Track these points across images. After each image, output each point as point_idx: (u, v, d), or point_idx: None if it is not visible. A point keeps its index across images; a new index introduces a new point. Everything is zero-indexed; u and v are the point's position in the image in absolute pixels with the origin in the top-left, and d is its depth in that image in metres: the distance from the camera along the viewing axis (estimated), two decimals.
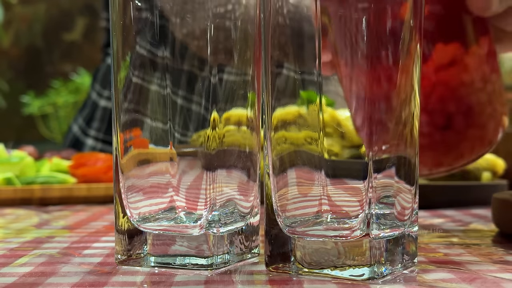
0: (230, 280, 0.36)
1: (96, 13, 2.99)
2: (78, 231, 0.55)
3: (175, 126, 0.38)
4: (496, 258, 0.42)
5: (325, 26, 0.35)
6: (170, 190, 0.39)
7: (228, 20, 0.39)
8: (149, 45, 0.38)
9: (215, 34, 0.37)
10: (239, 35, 0.40)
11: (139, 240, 0.39)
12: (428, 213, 0.67)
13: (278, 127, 0.37)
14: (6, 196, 0.80)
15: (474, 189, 0.76)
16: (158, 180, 0.39)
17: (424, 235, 0.51)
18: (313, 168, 0.36)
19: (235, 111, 0.39)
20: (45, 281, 0.36)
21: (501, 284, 0.34)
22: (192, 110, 0.38)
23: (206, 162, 0.38)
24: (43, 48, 3.37)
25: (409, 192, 0.37)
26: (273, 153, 0.37)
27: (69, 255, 0.44)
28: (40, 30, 3.38)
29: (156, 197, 0.40)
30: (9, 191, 0.80)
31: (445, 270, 0.38)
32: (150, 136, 0.39)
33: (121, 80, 0.39)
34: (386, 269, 0.35)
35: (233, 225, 0.40)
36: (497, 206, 0.52)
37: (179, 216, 0.39)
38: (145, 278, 0.37)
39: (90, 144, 1.21)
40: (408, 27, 0.36)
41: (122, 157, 0.40)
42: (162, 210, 0.40)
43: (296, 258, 0.37)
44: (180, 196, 0.39)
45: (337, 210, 0.36)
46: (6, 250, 0.46)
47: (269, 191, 0.38)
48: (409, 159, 0.37)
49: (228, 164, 0.39)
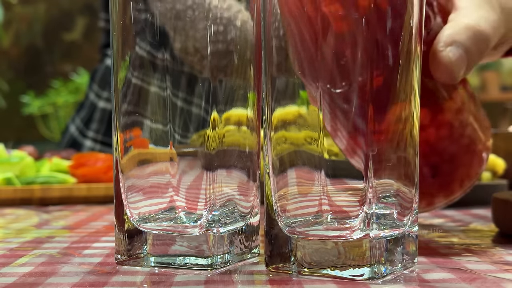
0: (230, 280, 0.36)
1: (96, 13, 3.00)
2: (78, 231, 0.55)
3: (175, 127, 0.38)
4: (496, 258, 0.42)
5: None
6: (170, 190, 0.39)
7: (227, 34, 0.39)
8: (149, 46, 0.38)
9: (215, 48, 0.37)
10: (238, 36, 0.40)
11: (139, 240, 0.39)
12: (428, 213, 0.67)
13: (278, 127, 0.37)
14: (6, 196, 0.79)
15: (474, 189, 0.76)
16: (158, 180, 0.39)
17: (424, 235, 0.51)
18: (313, 168, 0.36)
19: (235, 111, 0.39)
20: (45, 281, 0.36)
21: (501, 284, 0.34)
22: (192, 111, 0.38)
23: (206, 162, 0.38)
24: (43, 48, 3.37)
25: (409, 192, 0.37)
26: (273, 153, 0.37)
27: (69, 255, 0.44)
28: (40, 30, 3.38)
29: (156, 197, 0.40)
30: (9, 191, 0.80)
31: (445, 270, 0.38)
32: (150, 136, 0.39)
33: (120, 80, 0.39)
34: (386, 269, 0.35)
35: (233, 225, 0.40)
36: (497, 206, 0.52)
37: (179, 216, 0.39)
38: (145, 278, 0.37)
39: (89, 146, 1.20)
40: (408, 27, 0.36)
41: (122, 157, 0.40)
42: (162, 210, 0.40)
43: (296, 258, 0.37)
44: (180, 196, 0.39)
45: (337, 210, 0.36)
46: (6, 250, 0.46)
47: (269, 191, 0.38)
48: (409, 159, 0.37)
49: (228, 164, 0.39)
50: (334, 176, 0.36)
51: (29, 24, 3.37)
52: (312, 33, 0.35)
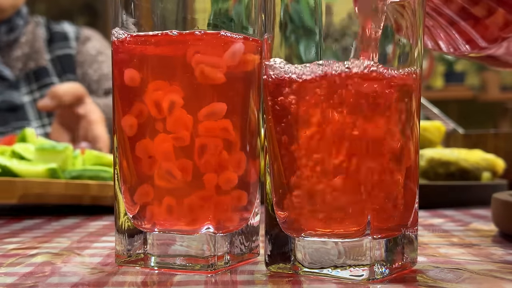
0: (230, 280, 0.36)
1: (96, 13, 3.00)
2: (78, 231, 0.55)
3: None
4: (496, 258, 0.42)
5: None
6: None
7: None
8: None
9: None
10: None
11: (139, 240, 0.39)
12: (428, 213, 0.67)
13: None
14: (57, 191, 0.66)
15: (474, 189, 0.76)
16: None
17: (424, 235, 0.51)
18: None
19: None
20: (45, 281, 0.36)
21: (501, 284, 0.34)
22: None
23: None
24: None
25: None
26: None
27: (69, 255, 0.44)
28: None
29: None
30: (60, 185, 0.66)
31: (445, 270, 0.38)
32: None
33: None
34: (386, 269, 0.35)
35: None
36: (497, 206, 0.52)
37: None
38: (145, 278, 0.37)
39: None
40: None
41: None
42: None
43: (296, 258, 0.37)
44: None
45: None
46: (6, 250, 0.46)
47: (269, 191, 0.38)
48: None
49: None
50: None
51: None
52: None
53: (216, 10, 0.38)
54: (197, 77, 0.37)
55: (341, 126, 0.34)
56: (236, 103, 0.39)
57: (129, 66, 0.38)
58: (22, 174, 0.66)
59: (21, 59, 1.31)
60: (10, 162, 0.67)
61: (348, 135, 0.34)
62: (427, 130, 0.90)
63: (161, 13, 0.38)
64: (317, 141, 0.35)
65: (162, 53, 0.38)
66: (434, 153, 0.81)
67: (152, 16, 0.38)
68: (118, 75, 0.39)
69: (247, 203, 0.40)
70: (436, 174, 0.80)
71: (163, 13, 0.38)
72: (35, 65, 1.31)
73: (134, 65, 0.38)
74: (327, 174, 0.35)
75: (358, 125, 0.34)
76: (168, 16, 0.38)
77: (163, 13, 0.38)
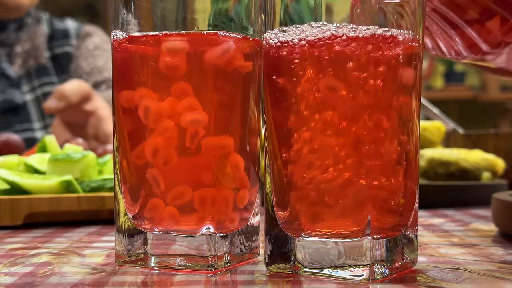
0: (230, 280, 0.36)
1: (96, 13, 3.00)
2: (78, 231, 0.55)
3: None
4: (496, 258, 0.42)
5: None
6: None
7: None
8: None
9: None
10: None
11: (139, 240, 0.39)
12: (428, 213, 0.67)
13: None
14: (68, 208, 0.58)
15: (474, 189, 0.76)
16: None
17: (424, 235, 0.51)
18: None
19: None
20: (45, 281, 0.36)
21: (501, 284, 0.34)
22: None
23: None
24: None
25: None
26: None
27: (69, 255, 0.44)
28: None
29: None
30: (71, 200, 0.58)
31: (445, 270, 0.38)
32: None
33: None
34: (386, 269, 0.35)
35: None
36: (497, 206, 0.52)
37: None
38: (145, 278, 0.37)
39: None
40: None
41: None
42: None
43: (296, 258, 0.37)
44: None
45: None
46: (6, 250, 0.46)
47: (269, 191, 0.38)
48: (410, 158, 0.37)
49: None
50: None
51: None
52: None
53: (216, 10, 0.38)
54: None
55: (343, 113, 0.34)
56: (236, 102, 0.39)
57: (127, 68, 0.38)
58: (31, 189, 0.59)
59: (21, 55, 1.31)
60: (19, 177, 0.60)
61: (348, 131, 0.34)
62: (427, 130, 0.90)
63: (161, 13, 0.38)
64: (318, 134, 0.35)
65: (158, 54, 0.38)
66: (434, 153, 0.81)
67: (152, 16, 0.38)
68: (118, 75, 0.39)
69: (247, 203, 0.40)
70: (436, 174, 0.80)
71: (163, 13, 0.38)
72: (35, 62, 1.30)
73: (132, 68, 0.38)
74: (327, 174, 0.35)
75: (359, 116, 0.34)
76: (168, 16, 0.38)
77: (163, 13, 0.38)
